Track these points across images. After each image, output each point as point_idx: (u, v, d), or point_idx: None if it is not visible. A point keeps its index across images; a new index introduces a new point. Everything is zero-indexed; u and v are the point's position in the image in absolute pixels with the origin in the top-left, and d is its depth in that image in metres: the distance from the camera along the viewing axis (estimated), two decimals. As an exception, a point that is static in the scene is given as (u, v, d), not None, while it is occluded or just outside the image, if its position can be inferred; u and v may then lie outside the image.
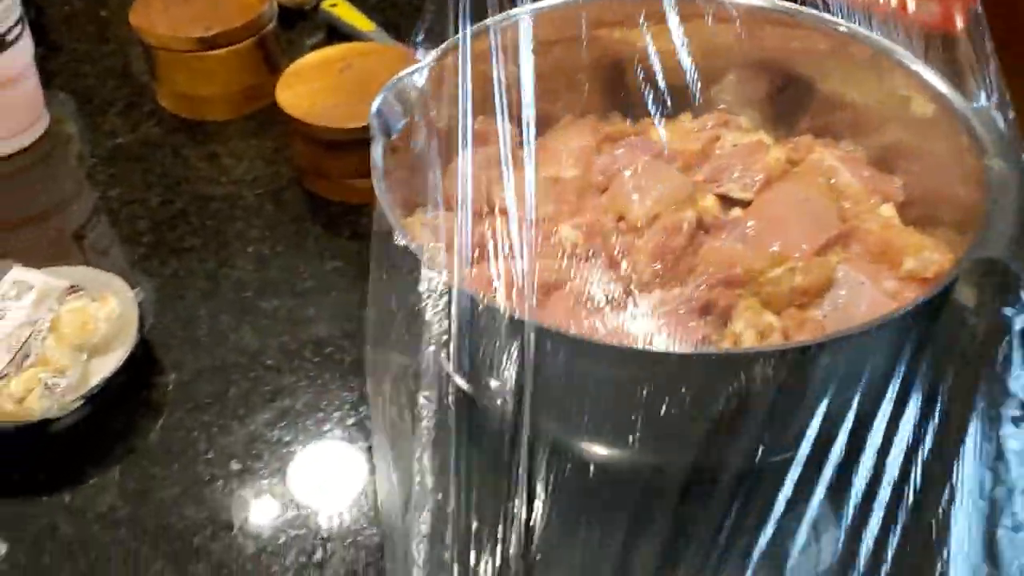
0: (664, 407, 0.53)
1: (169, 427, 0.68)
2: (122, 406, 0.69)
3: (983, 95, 0.67)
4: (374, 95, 0.83)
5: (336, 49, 0.89)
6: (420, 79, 0.68)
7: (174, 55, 0.91)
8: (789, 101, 0.78)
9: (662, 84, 0.77)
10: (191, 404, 0.69)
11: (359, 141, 0.78)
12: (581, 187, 0.70)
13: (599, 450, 0.60)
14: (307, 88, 0.84)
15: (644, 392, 0.53)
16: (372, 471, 0.65)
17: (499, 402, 0.55)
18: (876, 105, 0.73)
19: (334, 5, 1.05)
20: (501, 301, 0.57)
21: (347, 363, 0.71)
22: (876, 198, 0.69)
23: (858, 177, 0.70)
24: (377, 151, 0.63)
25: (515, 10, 0.73)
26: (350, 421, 0.68)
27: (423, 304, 0.56)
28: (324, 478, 0.65)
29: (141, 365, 0.71)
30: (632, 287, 0.62)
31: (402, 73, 0.68)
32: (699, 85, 0.77)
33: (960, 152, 0.65)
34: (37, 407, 0.65)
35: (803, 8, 0.74)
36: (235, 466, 0.66)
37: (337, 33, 1.05)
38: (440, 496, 0.55)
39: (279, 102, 0.83)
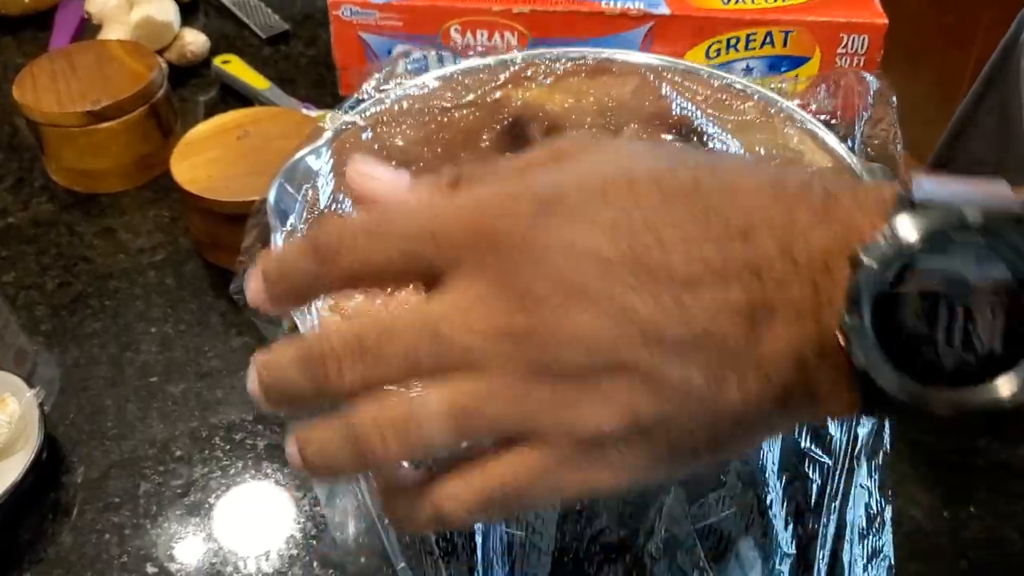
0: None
1: (80, 530, 0.66)
2: (29, 511, 0.67)
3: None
4: (272, 163, 0.82)
5: (231, 116, 0.87)
6: (315, 159, 0.67)
7: (62, 130, 0.88)
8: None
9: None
10: (101, 504, 0.68)
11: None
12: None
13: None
14: (202, 159, 0.83)
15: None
16: (292, 563, 0.64)
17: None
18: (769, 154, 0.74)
19: (226, 62, 1.03)
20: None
21: (260, 448, 0.70)
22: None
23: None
24: (276, 242, 0.62)
25: (418, 79, 0.72)
26: (270, 512, 0.67)
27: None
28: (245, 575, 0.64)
29: (47, 465, 0.69)
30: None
31: (297, 154, 0.67)
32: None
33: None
34: (-62, 525, 0.63)
35: (698, 66, 0.74)
36: (151, 569, 0.64)
37: (230, 90, 1.03)
38: None
39: (175, 177, 0.81)
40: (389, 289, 0.69)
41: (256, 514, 0.67)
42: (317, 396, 0.37)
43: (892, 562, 0.55)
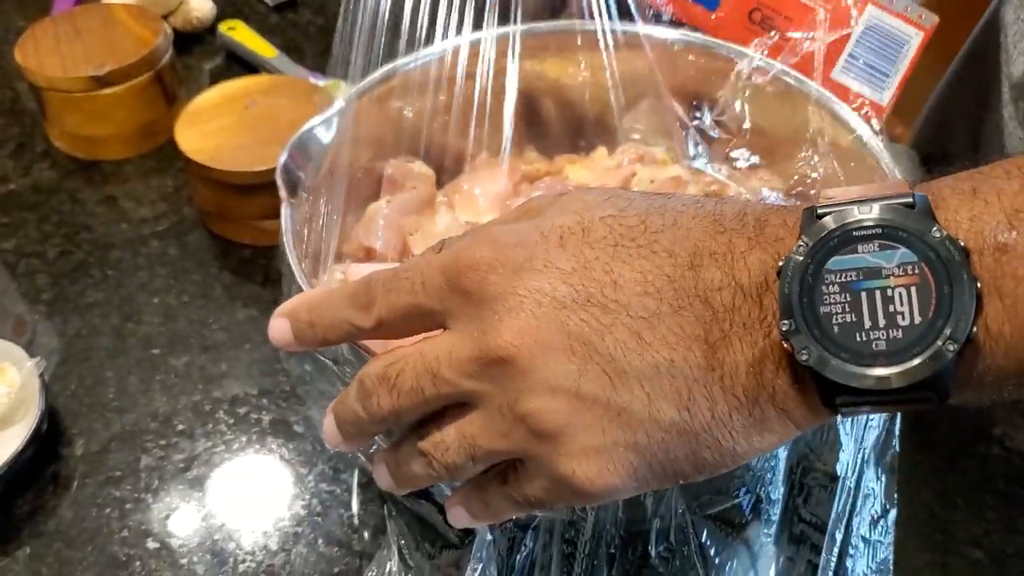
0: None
1: (80, 504, 0.65)
2: (29, 484, 0.66)
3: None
4: (281, 133, 0.80)
5: (238, 83, 0.85)
6: (326, 129, 0.66)
7: (65, 95, 0.87)
8: (702, 127, 0.77)
9: (575, 119, 0.76)
10: (102, 477, 0.66)
11: (267, 184, 0.76)
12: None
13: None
14: (209, 127, 0.81)
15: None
16: (296, 540, 0.63)
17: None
18: (790, 135, 0.73)
19: (232, 28, 1.02)
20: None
21: (265, 423, 0.69)
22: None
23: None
24: (286, 212, 0.61)
25: (425, 50, 0.70)
26: (272, 488, 0.66)
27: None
28: (247, 552, 0.63)
29: (47, 438, 0.68)
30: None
31: (308, 125, 0.65)
32: (613, 115, 0.76)
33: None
34: (-64, 496, 0.62)
35: (716, 40, 0.73)
36: (152, 544, 0.63)
37: (236, 58, 1.01)
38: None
39: (180, 145, 0.79)
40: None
41: (260, 490, 0.66)
42: (372, 423, 0.43)
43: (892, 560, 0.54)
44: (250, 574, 0.61)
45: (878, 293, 0.35)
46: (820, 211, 0.36)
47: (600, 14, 0.72)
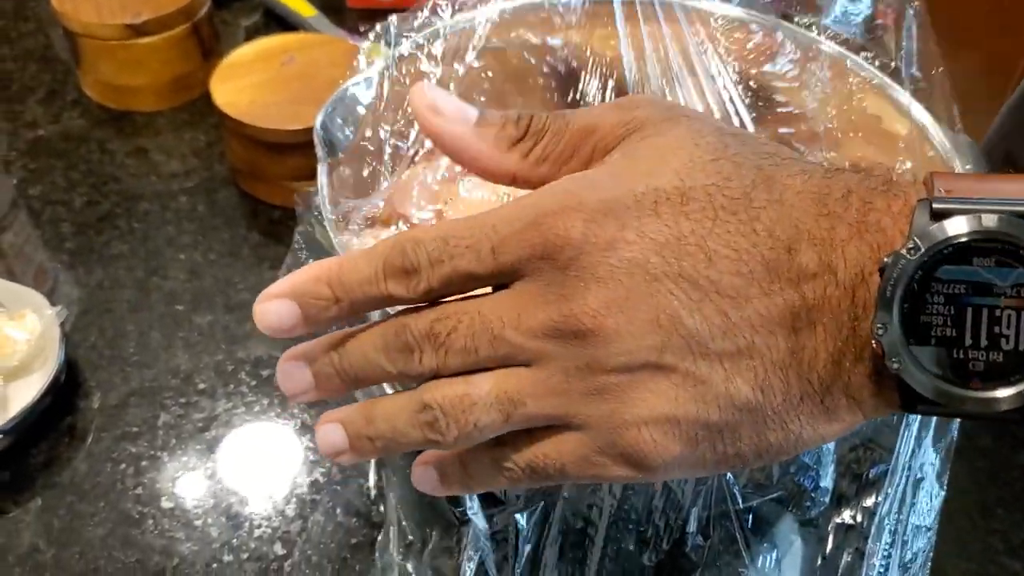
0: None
1: (95, 458, 0.64)
2: (44, 434, 0.64)
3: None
4: (318, 92, 0.78)
5: (276, 39, 0.84)
6: (366, 88, 0.64)
7: (100, 43, 0.85)
8: (753, 110, 0.75)
9: (615, 89, 0.74)
10: (118, 432, 0.65)
11: (302, 144, 0.74)
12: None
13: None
14: (245, 83, 0.79)
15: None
16: (314, 507, 0.61)
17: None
18: (844, 120, 0.70)
19: (272, -14, 1.00)
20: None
21: (287, 387, 0.67)
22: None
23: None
24: (323, 173, 0.59)
25: (466, 14, 0.68)
26: (291, 454, 0.64)
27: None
28: (263, 517, 0.61)
29: (64, 388, 0.66)
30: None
31: (346, 84, 0.63)
32: (656, 92, 0.74)
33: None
34: (-50, 441, 0.60)
35: (772, 18, 0.70)
36: (166, 504, 0.61)
37: (274, 16, 1.00)
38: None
39: (215, 99, 0.77)
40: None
41: (279, 454, 0.64)
42: (397, 379, 0.39)
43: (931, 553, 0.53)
44: (265, 539, 0.60)
45: (985, 311, 0.34)
46: (936, 207, 0.34)
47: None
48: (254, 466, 0.63)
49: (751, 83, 0.74)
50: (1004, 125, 0.89)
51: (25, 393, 0.64)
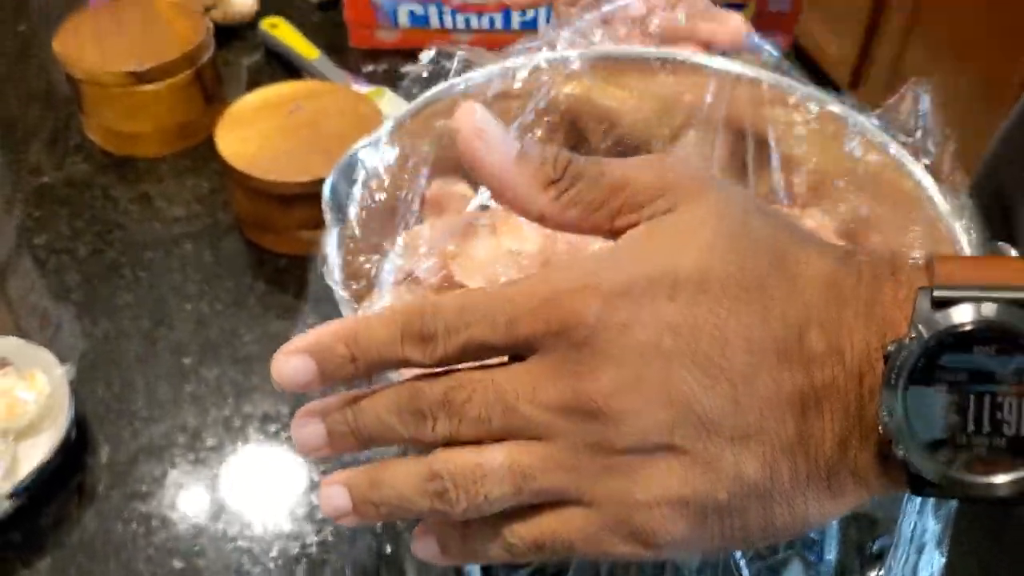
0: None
1: (104, 517, 0.64)
2: (54, 493, 0.65)
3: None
4: (324, 143, 0.79)
5: (282, 88, 0.84)
6: (374, 150, 0.64)
7: (103, 90, 0.85)
8: (753, 161, 0.75)
9: (621, 145, 0.75)
10: (128, 490, 0.65)
11: (309, 195, 0.75)
12: (545, 262, 0.67)
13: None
14: (250, 132, 0.80)
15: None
16: (323, 567, 0.61)
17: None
18: (841, 172, 0.71)
19: (274, 26, 1.00)
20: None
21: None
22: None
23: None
24: (332, 242, 0.59)
25: (475, 72, 0.69)
26: (300, 512, 0.64)
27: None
28: (273, 577, 0.62)
29: (73, 445, 0.66)
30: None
31: (356, 147, 0.63)
32: (658, 143, 0.74)
33: (932, 238, 0.63)
34: (-39, 504, 0.61)
35: (773, 76, 0.71)
36: (177, 564, 0.62)
37: (276, 56, 1.00)
38: None
39: (220, 150, 0.78)
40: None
41: (288, 513, 0.64)
42: (409, 442, 0.39)
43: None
44: (277, 602, 0.60)
45: (987, 398, 0.34)
46: (936, 295, 0.35)
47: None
48: (264, 525, 0.64)
49: (754, 132, 0.75)
50: (994, 159, 0.90)
51: (35, 452, 0.64)
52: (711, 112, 0.74)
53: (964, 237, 0.61)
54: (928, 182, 0.65)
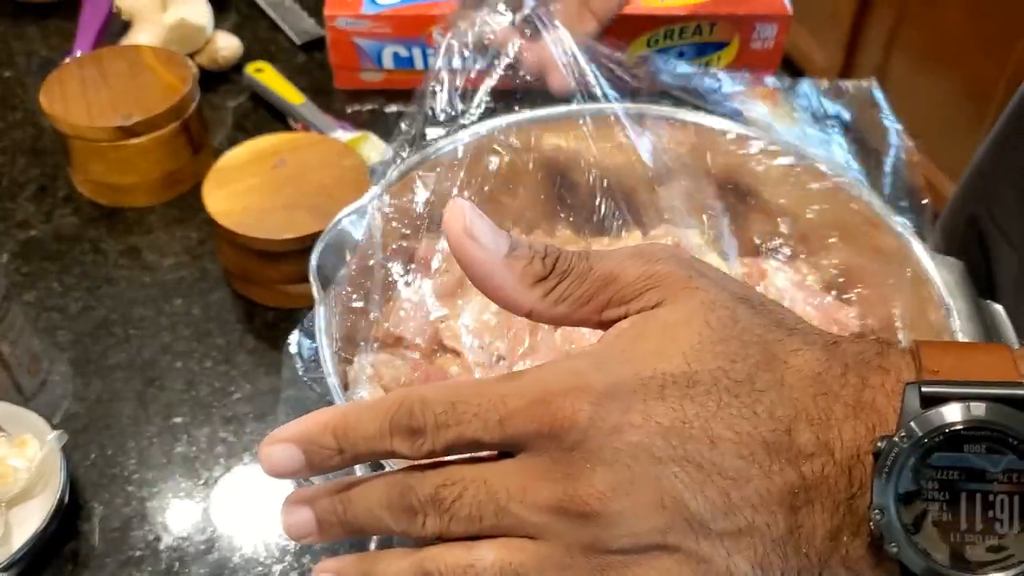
0: None
1: (99, 586, 0.65)
2: (47, 561, 0.65)
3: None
4: (309, 197, 0.80)
5: (266, 141, 0.84)
6: (359, 218, 0.65)
7: (90, 144, 0.86)
8: (737, 212, 0.76)
9: (609, 198, 0.75)
10: (122, 557, 0.66)
11: (296, 251, 0.76)
12: (533, 328, 0.67)
13: None
14: (238, 188, 0.80)
15: None
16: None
17: None
18: (827, 227, 0.72)
19: (259, 70, 1.00)
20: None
21: (287, 505, 0.68)
22: (833, 328, 0.68)
23: (812, 307, 0.69)
24: (320, 313, 0.60)
25: (456, 135, 0.70)
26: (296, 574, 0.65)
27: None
28: (267, 645, 0.62)
29: (66, 512, 0.67)
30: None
31: (341, 215, 0.64)
32: (645, 194, 0.75)
33: (919, 296, 0.64)
34: (-46, 579, 0.61)
35: (756, 131, 0.72)
36: (172, 634, 0.62)
37: (261, 99, 1.00)
38: None
39: (208, 207, 0.78)
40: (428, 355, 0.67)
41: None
42: (399, 535, 0.40)
43: None
44: (271, 672, 0.61)
45: (979, 496, 0.35)
46: (925, 391, 0.36)
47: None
48: (257, 591, 0.64)
49: (738, 183, 0.75)
50: (967, 187, 0.91)
51: (27, 518, 0.65)
52: (699, 166, 0.75)
53: (952, 301, 0.62)
54: (910, 236, 0.65)
